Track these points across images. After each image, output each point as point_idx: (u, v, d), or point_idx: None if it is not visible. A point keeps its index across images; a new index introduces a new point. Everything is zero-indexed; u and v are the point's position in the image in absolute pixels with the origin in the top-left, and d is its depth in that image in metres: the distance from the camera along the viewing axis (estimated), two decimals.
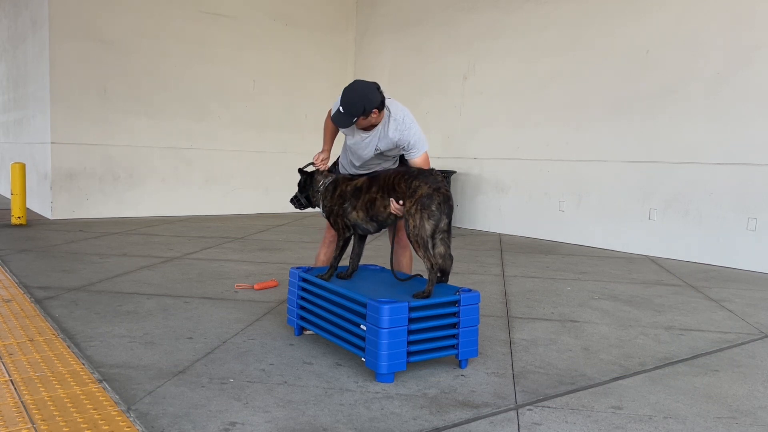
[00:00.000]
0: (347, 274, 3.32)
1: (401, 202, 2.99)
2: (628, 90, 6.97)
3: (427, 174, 2.99)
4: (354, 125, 3.18)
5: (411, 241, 2.94)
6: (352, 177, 3.38)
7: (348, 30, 11.05)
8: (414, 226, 2.90)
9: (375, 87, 3.12)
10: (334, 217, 3.29)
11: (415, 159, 3.28)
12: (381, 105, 3.13)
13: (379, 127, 3.24)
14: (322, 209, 3.37)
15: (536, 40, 7.97)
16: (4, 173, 11.31)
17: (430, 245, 2.92)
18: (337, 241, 3.32)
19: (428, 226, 2.88)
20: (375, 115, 3.13)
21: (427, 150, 3.32)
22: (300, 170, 3.50)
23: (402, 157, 3.46)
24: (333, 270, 3.27)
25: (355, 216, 3.19)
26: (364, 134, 3.29)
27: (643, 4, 6.83)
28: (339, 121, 3.15)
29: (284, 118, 10.35)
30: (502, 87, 8.44)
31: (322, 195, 3.35)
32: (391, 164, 3.48)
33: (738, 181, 6.07)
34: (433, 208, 2.88)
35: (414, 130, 3.25)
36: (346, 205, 3.20)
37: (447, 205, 2.93)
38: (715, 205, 6.25)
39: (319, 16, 10.62)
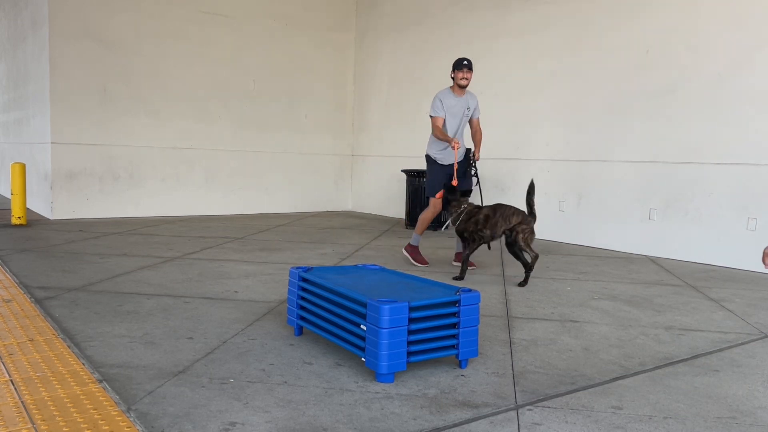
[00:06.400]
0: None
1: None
2: (628, 90, 6.97)
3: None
4: (462, 89, 5.55)
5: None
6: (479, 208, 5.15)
7: (348, 30, 11.05)
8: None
9: None
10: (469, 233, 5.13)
11: (476, 119, 5.74)
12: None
13: (466, 95, 5.63)
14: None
15: (536, 40, 7.97)
16: (4, 173, 11.32)
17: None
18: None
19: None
20: (470, 75, 5.47)
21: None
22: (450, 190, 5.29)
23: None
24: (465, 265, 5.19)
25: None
26: (459, 97, 5.57)
27: (643, 4, 6.82)
28: (469, 64, 5.45)
29: (284, 118, 10.35)
30: (502, 87, 8.44)
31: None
32: (464, 124, 5.69)
33: (738, 181, 6.07)
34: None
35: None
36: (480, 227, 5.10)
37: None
38: (715, 205, 6.25)
39: (319, 16, 10.62)
